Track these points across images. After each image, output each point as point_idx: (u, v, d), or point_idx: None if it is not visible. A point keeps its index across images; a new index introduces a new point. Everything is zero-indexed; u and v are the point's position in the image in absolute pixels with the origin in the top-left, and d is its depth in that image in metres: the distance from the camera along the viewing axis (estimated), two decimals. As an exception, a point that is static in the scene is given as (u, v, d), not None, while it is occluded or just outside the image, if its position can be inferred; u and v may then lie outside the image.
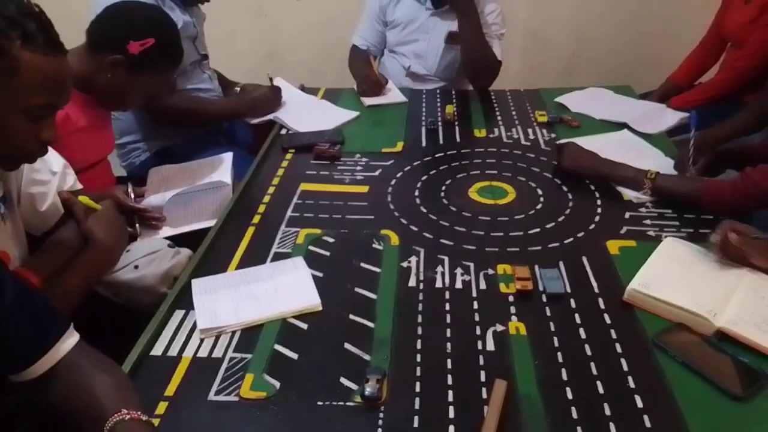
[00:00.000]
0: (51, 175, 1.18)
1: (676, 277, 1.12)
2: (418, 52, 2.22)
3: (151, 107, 1.76)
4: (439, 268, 1.22)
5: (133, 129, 1.83)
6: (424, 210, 1.43)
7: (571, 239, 1.30)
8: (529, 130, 1.84)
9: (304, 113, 1.94)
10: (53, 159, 1.20)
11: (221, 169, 1.59)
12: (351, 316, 1.10)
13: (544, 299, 1.13)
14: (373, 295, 1.15)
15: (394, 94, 2.09)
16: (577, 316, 1.09)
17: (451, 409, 0.91)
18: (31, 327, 0.83)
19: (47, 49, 0.89)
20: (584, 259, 1.23)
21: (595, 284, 1.16)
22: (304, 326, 1.08)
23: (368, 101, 2.03)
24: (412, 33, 2.20)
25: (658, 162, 1.57)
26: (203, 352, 1.02)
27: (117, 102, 1.51)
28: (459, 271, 1.21)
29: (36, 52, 0.87)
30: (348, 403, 0.92)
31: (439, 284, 1.18)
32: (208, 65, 1.99)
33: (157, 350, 1.02)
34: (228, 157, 1.65)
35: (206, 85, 1.95)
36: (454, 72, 2.22)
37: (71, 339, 0.86)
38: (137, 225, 1.40)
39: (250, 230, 1.35)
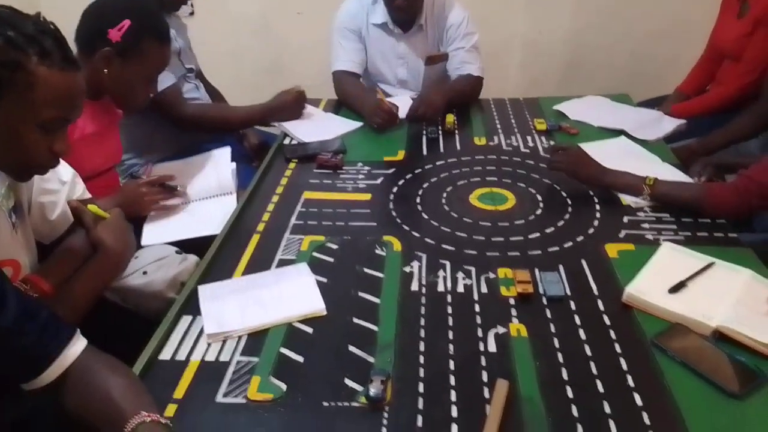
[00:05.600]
0: (60, 184, 1.21)
1: (672, 283, 1.14)
2: (401, 77, 2.23)
3: (170, 115, 1.80)
4: (441, 273, 1.24)
5: (128, 148, 1.84)
6: (426, 216, 1.46)
7: (571, 243, 1.33)
8: (528, 138, 1.87)
9: (309, 124, 1.97)
10: (63, 169, 1.22)
11: (221, 165, 1.63)
12: (355, 320, 1.12)
13: (545, 302, 1.15)
14: (376, 300, 1.17)
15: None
16: (576, 318, 1.11)
17: (454, 408, 0.92)
18: (37, 337, 0.85)
19: (62, 65, 0.92)
20: (584, 262, 1.26)
21: (594, 287, 1.18)
22: (310, 330, 1.10)
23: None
24: (387, 61, 2.20)
25: (656, 168, 1.59)
26: (211, 356, 1.04)
27: (128, 97, 1.51)
28: (460, 275, 1.23)
29: (52, 68, 0.90)
30: (353, 404, 0.94)
31: (441, 288, 1.20)
32: (194, 77, 2.02)
33: (166, 354, 1.04)
34: (225, 151, 1.69)
35: (193, 95, 1.98)
36: (444, 85, 2.23)
37: (78, 345, 0.88)
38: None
39: (255, 237, 1.38)
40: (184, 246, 1.38)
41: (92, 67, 1.41)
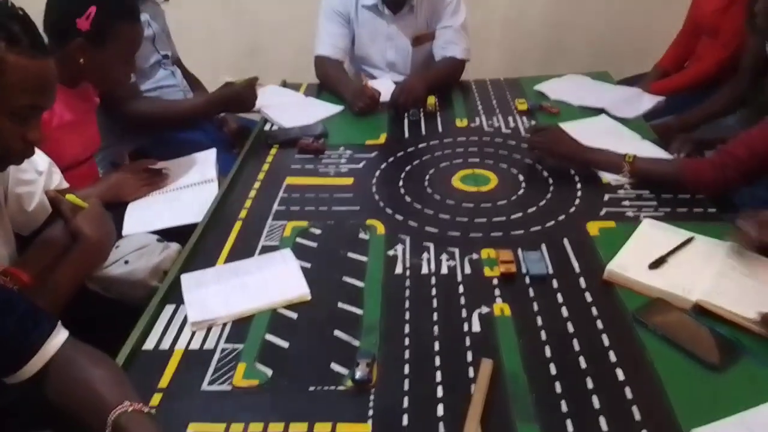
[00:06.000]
0: (37, 174, 1.19)
1: (653, 259, 1.15)
2: (389, 60, 2.21)
3: (121, 116, 1.75)
4: (425, 255, 1.24)
5: (103, 137, 1.80)
6: (409, 199, 1.46)
7: (553, 222, 1.33)
8: (510, 119, 1.87)
9: (289, 108, 1.95)
10: (39, 159, 1.20)
11: (206, 165, 1.60)
12: (340, 304, 1.12)
13: (528, 281, 1.16)
14: (360, 284, 1.17)
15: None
16: (559, 295, 1.12)
17: (440, 388, 0.93)
18: (15, 330, 0.84)
19: (32, 51, 0.90)
20: (565, 241, 1.27)
21: (576, 265, 1.19)
22: (294, 316, 1.10)
23: None
24: (377, 43, 2.18)
25: (636, 145, 1.61)
26: (195, 344, 1.03)
27: (107, 81, 1.50)
28: (444, 257, 1.24)
29: (21, 54, 0.88)
30: (339, 387, 0.94)
31: (425, 270, 1.20)
32: (170, 63, 1.98)
33: (149, 344, 1.04)
34: (212, 153, 1.66)
35: (168, 82, 1.94)
36: (429, 66, 2.22)
37: (59, 336, 0.88)
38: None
39: (238, 224, 1.37)
40: (166, 234, 1.36)
41: (66, 57, 1.38)
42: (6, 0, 0.92)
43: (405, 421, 0.88)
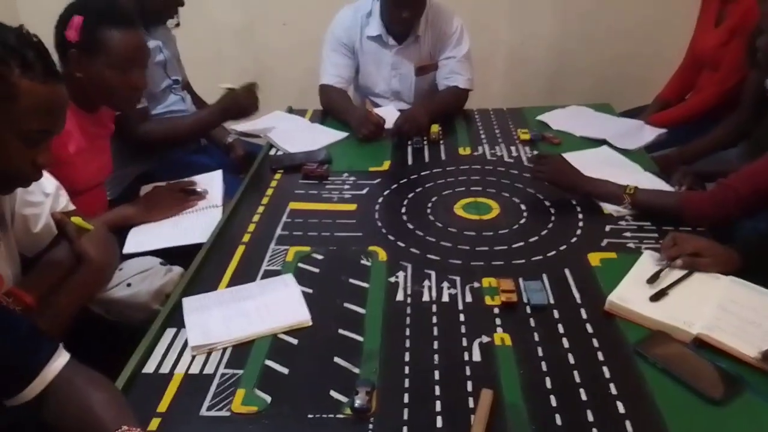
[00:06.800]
0: (44, 196, 1.20)
1: (654, 291, 1.15)
2: (394, 89, 2.24)
3: (132, 138, 1.77)
4: (426, 283, 1.25)
5: (113, 160, 1.82)
6: (411, 226, 1.46)
7: (554, 252, 1.34)
8: (512, 148, 1.89)
9: (294, 134, 1.98)
10: (46, 181, 1.22)
11: (211, 187, 1.61)
12: (340, 331, 1.12)
13: (528, 311, 1.16)
14: (361, 310, 1.17)
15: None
16: (560, 326, 1.12)
17: (439, 418, 0.93)
18: (19, 353, 0.85)
19: (44, 77, 0.92)
20: (566, 271, 1.27)
21: (577, 295, 1.20)
22: (294, 341, 1.10)
23: None
24: (382, 73, 2.21)
25: (637, 177, 1.62)
26: (195, 369, 1.03)
27: (111, 95, 1.48)
28: (445, 284, 1.24)
29: (34, 80, 0.90)
30: (338, 416, 0.94)
31: (426, 298, 1.20)
32: (180, 89, 2.01)
33: (149, 367, 1.04)
34: (218, 175, 1.67)
35: (178, 107, 1.97)
36: (433, 95, 2.25)
37: (61, 359, 0.88)
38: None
39: (240, 249, 1.38)
40: (169, 257, 1.37)
41: (68, 75, 1.38)
42: (21, 27, 0.94)
43: (404, 450, 0.88)
